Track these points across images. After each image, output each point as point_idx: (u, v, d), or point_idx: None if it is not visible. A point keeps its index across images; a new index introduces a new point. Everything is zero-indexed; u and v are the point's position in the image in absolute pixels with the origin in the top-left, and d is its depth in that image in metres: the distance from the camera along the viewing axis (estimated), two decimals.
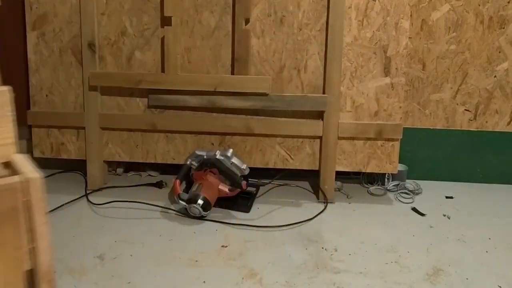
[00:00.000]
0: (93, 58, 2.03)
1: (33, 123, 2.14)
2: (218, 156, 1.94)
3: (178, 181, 1.93)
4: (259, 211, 1.97)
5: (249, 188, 2.00)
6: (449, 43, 2.16)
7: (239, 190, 1.95)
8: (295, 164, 2.08)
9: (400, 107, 2.00)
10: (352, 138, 2.03)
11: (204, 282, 1.49)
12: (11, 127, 0.85)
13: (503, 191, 2.22)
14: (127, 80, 2.02)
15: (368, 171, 2.08)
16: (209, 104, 2.03)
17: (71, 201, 1.99)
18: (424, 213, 1.98)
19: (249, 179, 2.00)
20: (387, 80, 1.99)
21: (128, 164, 2.29)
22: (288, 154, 2.08)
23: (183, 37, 2.01)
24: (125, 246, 1.68)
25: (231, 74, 2.02)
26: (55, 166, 2.29)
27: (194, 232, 1.79)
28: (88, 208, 1.96)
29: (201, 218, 1.87)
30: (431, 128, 2.26)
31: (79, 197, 2.03)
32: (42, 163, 2.38)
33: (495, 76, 2.19)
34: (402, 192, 2.16)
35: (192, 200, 1.84)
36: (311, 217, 1.91)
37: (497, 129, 2.24)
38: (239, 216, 1.92)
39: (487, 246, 1.74)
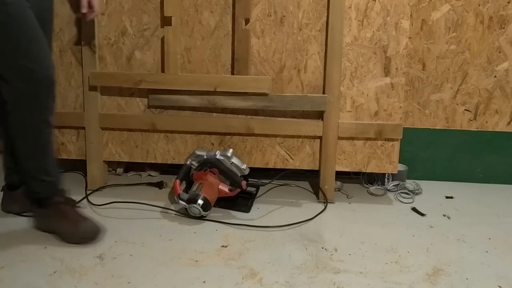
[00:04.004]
0: (93, 58, 2.03)
1: None
2: (218, 156, 1.94)
3: (178, 181, 1.93)
4: (259, 211, 1.97)
5: (249, 188, 2.00)
6: (449, 43, 2.16)
7: (239, 190, 1.95)
8: (295, 164, 2.08)
9: (400, 107, 2.00)
10: (352, 138, 2.03)
11: (204, 282, 1.49)
12: None
13: (503, 191, 2.22)
14: (127, 80, 2.02)
15: (368, 171, 2.08)
16: (209, 104, 2.03)
17: None
18: (424, 213, 1.98)
19: (249, 179, 2.00)
20: (387, 80, 1.99)
21: (128, 164, 2.29)
22: (288, 154, 2.08)
23: (183, 37, 2.01)
24: (125, 246, 1.68)
25: (231, 74, 2.02)
26: None
27: (194, 232, 1.79)
28: (88, 208, 1.96)
29: (201, 218, 1.87)
30: (431, 128, 2.26)
31: (80, 199, 2.02)
32: None
33: (495, 76, 2.19)
34: (402, 192, 2.16)
35: (192, 200, 1.84)
36: (311, 217, 1.91)
37: (497, 129, 2.24)
38: (239, 216, 1.92)
39: (487, 246, 1.74)
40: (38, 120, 1.61)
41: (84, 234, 1.67)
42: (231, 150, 1.97)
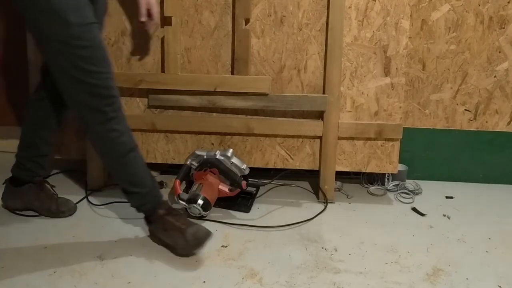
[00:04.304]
0: None
1: None
2: (218, 156, 1.94)
3: (178, 181, 1.93)
4: (259, 211, 1.97)
5: (249, 188, 2.00)
6: (449, 43, 2.16)
7: (239, 190, 1.95)
8: (295, 164, 2.08)
9: (400, 107, 2.00)
10: (352, 138, 2.03)
11: (204, 282, 1.49)
12: None
13: (503, 191, 2.22)
14: (127, 80, 2.02)
15: (368, 171, 2.08)
16: (209, 104, 2.03)
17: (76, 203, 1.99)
18: (424, 213, 1.98)
19: (249, 179, 2.00)
20: (387, 80, 1.99)
21: None
22: (288, 154, 2.08)
23: (183, 37, 2.01)
24: (125, 246, 1.68)
25: (231, 74, 2.02)
26: (55, 166, 2.28)
27: None
28: (88, 208, 1.96)
29: (201, 218, 1.87)
30: (431, 128, 2.26)
31: (81, 199, 2.02)
32: None
33: (495, 76, 2.19)
34: (402, 192, 2.16)
35: (192, 200, 1.84)
36: (311, 217, 1.91)
37: (497, 129, 2.24)
38: (239, 216, 1.92)
39: (487, 246, 1.74)
40: (106, 130, 1.56)
41: (189, 242, 1.59)
42: (231, 150, 1.97)
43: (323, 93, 1.99)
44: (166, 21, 1.97)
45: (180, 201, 1.88)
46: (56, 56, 1.50)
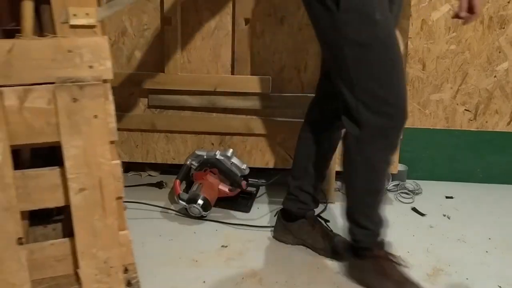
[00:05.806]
0: None
1: None
2: (218, 156, 1.94)
3: (178, 181, 1.93)
4: (259, 211, 1.97)
5: (249, 188, 2.00)
6: (449, 43, 2.16)
7: (239, 190, 1.95)
8: None
9: None
10: None
11: (204, 282, 1.49)
12: None
13: (503, 191, 2.22)
14: (127, 80, 2.02)
15: None
16: (209, 104, 2.03)
17: None
18: (424, 213, 1.98)
19: (249, 179, 2.00)
20: None
21: (128, 164, 2.29)
22: (288, 154, 2.07)
23: (183, 37, 2.01)
24: None
25: (231, 74, 2.02)
26: None
27: (194, 232, 1.79)
28: None
29: (201, 218, 1.87)
30: (431, 128, 2.26)
31: None
32: None
33: (495, 76, 2.19)
34: (402, 192, 2.16)
35: (192, 200, 1.84)
36: None
37: (497, 129, 2.24)
38: (239, 216, 1.92)
39: (487, 246, 1.74)
40: (382, 159, 1.38)
41: None
42: (231, 150, 1.97)
43: None
44: (166, 21, 1.97)
45: (180, 201, 1.88)
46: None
